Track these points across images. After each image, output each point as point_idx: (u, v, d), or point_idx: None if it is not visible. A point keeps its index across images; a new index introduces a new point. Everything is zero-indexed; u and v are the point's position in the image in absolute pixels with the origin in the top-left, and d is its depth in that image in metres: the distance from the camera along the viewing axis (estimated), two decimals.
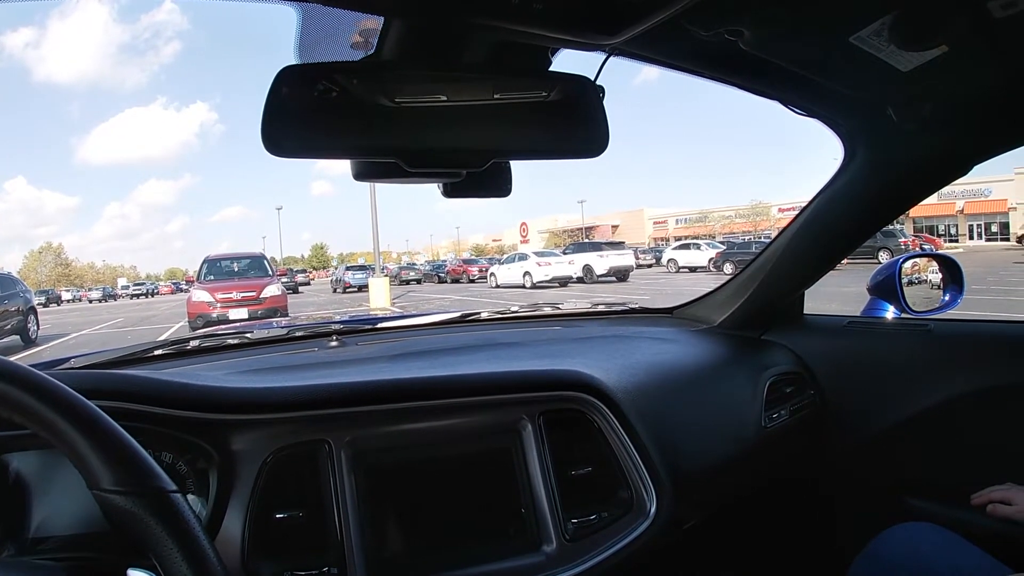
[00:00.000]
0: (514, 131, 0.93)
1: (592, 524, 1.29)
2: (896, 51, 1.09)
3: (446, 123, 0.90)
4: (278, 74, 0.83)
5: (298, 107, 0.84)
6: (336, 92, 0.85)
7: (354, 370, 1.44)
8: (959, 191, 41.43)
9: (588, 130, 0.94)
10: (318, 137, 0.86)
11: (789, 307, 2.06)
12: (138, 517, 0.70)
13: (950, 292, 2.00)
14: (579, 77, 0.92)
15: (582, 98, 0.93)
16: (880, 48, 1.08)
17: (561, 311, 2.23)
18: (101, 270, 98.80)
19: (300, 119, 0.84)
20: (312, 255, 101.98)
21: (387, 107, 0.86)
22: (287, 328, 1.85)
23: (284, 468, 1.13)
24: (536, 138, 0.95)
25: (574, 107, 0.93)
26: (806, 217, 1.80)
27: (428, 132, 0.89)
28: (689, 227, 61.95)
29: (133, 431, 0.91)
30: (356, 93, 0.85)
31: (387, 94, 0.86)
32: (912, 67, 1.16)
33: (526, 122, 0.93)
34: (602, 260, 26.31)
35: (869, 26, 1.03)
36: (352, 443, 1.18)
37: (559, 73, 0.94)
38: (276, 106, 0.83)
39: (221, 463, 1.11)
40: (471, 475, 1.27)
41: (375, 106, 0.86)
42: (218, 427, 1.12)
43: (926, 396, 1.71)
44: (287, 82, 0.83)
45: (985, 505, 1.39)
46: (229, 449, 1.12)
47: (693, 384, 1.66)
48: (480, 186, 1.04)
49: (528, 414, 1.32)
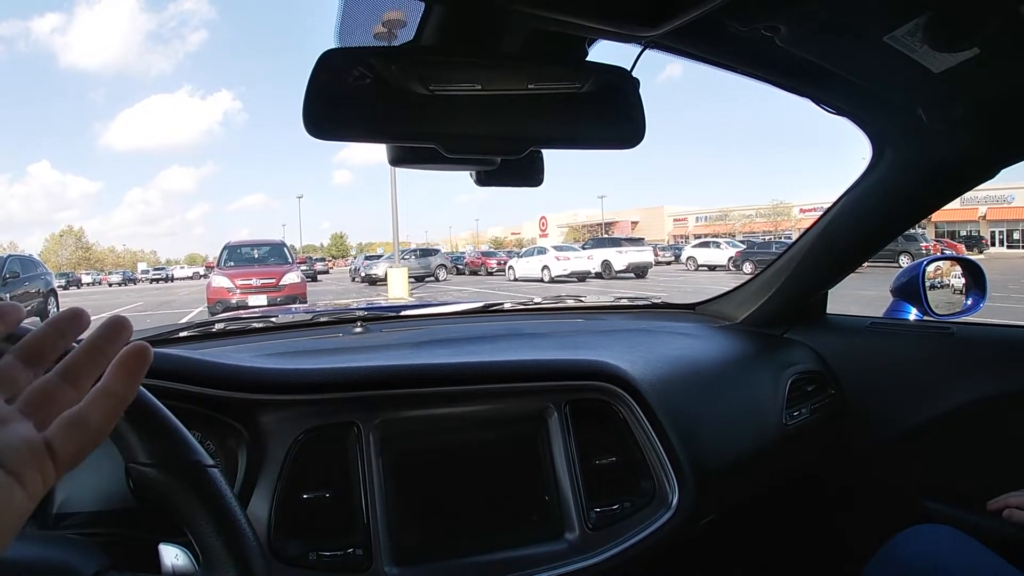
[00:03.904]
0: (552, 120, 0.94)
1: (614, 514, 1.30)
2: (929, 52, 1.09)
3: (483, 111, 0.90)
4: (320, 57, 0.84)
5: (339, 90, 0.84)
6: (375, 77, 0.85)
7: (380, 355, 1.46)
8: (982, 196, 41.02)
9: (625, 121, 0.94)
10: (358, 120, 0.87)
11: (811, 306, 2.06)
12: (175, 490, 0.72)
13: (972, 296, 2.00)
14: (617, 68, 0.92)
15: (620, 89, 0.93)
16: (914, 48, 1.08)
17: (583, 304, 2.25)
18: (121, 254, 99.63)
19: (340, 102, 0.85)
20: (332, 244, 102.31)
21: (424, 94, 0.87)
22: (311, 313, 1.87)
23: (312, 449, 1.15)
24: (574, 127, 0.95)
25: (611, 98, 0.93)
26: (832, 216, 1.79)
27: (465, 119, 0.90)
28: (709, 225, 61.81)
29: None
30: (395, 78, 0.86)
31: (424, 80, 0.86)
32: (944, 68, 1.15)
33: (563, 112, 0.93)
34: (621, 256, 26.23)
35: (904, 26, 1.02)
36: (380, 426, 1.20)
37: (597, 63, 0.94)
38: (318, 88, 0.83)
39: (251, 442, 1.12)
40: (496, 461, 1.28)
41: (413, 92, 0.86)
42: (249, 406, 1.14)
43: (946, 399, 1.70)
44: (328, 65, 0.84)
45: (1002, 510, 1.39)
46: (259, 429, 1.13)
47: (715, 380, 1.67)
48: (513, 175, 1.05)
49: (554, 403, 1.33)
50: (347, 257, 75.27)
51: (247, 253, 15.15)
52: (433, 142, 0.89)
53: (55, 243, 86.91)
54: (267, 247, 15.50)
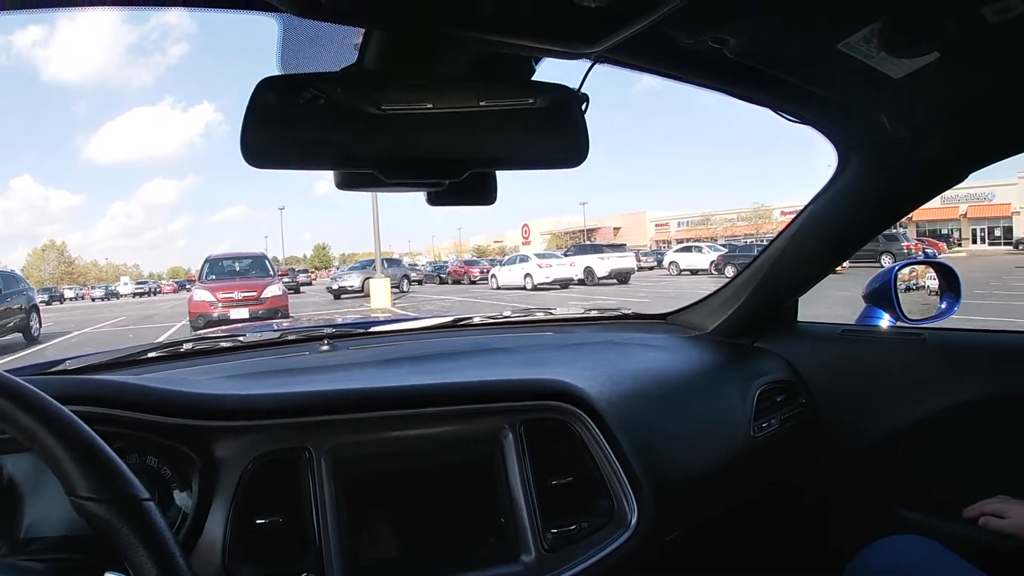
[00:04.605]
0: (492, 142, 0.93)
1: (572, 534, 1.28)
2: (887, 58, 1.08)
3: (425, 134, 0.89)
4: (258, 85, 0.82)
5: (278, 118, 0.83)
6: (316, 103, 0.84)
7: (342, 375, 1.45)
8: (962, 195, 41.43)
9: (567, 140, 0.93)
10: (297, 148, 0.86)
11: (782, 315, 2.05)
12: (112, 524, 0.72)
13: (947, 300, 1.98)
14: (559, 86, 0.91)
15: (563, 107, 0.92)
16: (870, 55, 1.07)
17: (553, 316, 2.23)
18: (104, 268, 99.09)
19: (279, 130, 0.84)
20: (314, 255, 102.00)
21: (366, 117, 0.86)
22: (280, 331, 1.84)
23: (265, 474, 1.14)
24: (514, 149, 0.94)
25: (555, 116, 0.92)
26: (800, 224, 1.79)
27: (406, 144, 0.89)
28: (691, 230, 62.08)
29: (119, 436, 0.96)
30: (336, 104, 0.85)
31: (366, 104, 0.85)
32: (904, 74, 1.15)
33: (506, 132, 0.92)
34: (603, 262, 26.35)
35: (857, 33, 1.02)
36: (332, 451, 1.18)
37: (541, 83, 0.93)
38: (256, 117, 0.82)
39: (203, 468, 1.12)
40: (451, 483, 1.27)
41: (354, 117, 0.86)
42: (200, 433, 1.13)
43: (919, 406, 1.70)
44: (267, 93, 0.83)
45: (977, 518, 1.38)
46: (211, 455, 1.13)
47: (681, 393, 1.65)
48: (464, 194, 1.03)
49: (509, 423, 1.32)
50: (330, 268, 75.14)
51: (229, 266, 15.23)
52: (373, 168, 0.88)
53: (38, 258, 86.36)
54: (248, 260, 15.58)
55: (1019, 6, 0.92)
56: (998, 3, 0.93)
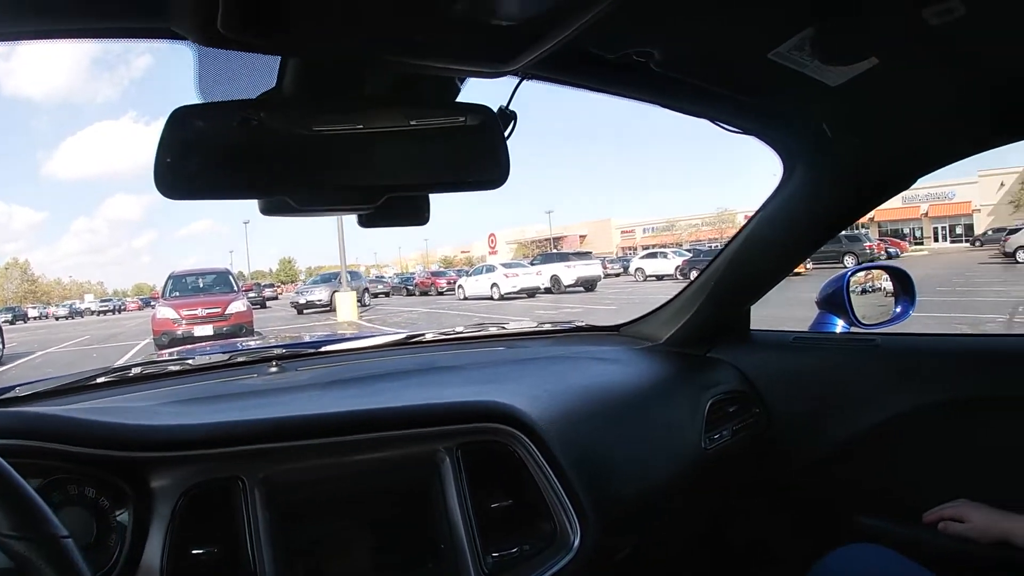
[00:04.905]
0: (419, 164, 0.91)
1: (513, 558, 1.26)
2: (821, 66, 1.07)
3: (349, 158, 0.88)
4: (171, 114, 0.80)
5: (193, 148, 0.82)
6: (235, 130, 0.83)
7: (286, 399, 1.43)
8: (923, 194, 42.28)
9: (487, 160, 0.91)
10: (215, 177, 0.84)
11: (735, 323, 2.04)
12: (32, 561, 0.72)
13: (901, 304, 2.00)
14: (479, 107, 0.90)
15: (484, 127, 0.91)
16: (803, 64, 1.06)
17: (505, 331, 2.22)
18: (68, 286, 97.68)
19: (194, 160, 0.82)
20: (280, 269, 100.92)
21: (288, 142, 0.85)
22: (229, 353, 1.82)
23: (200, 505, 1.12)
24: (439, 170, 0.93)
25: (482, 136, 0.91)
26: (748, 233, 1.79)
27: (329, 169, 0.87)
28: (656, 236, 62.53)
29: (55, 468, 0.97)
30: (256, 130, 0.84)
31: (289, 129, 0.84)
32: (842, 81, 1.14)
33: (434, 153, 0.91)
34: (570, 270, 26.43)
35: (787, 42, 1.00)
36: (266, 480, 1.16)
37: (463, 103, 0.93)
38: (170, 147, 0.80)
39: (136, 499, 1.10)
40: (389, 510, 1.26)
41: (275, 143, 0.84)
42: (132, 464, 1.11)
43: (875, 412, 1.70)
44: (181, 122, 0.81)
45: (937, 522, 1.38)
46: (145, 486, 1.11)
47: (630, 407, 1.64)
48: (393, 216, 1.01)
49: (446, 447, 1.30)
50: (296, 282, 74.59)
51: (192, 283, 15.13)
52: (286, 195, 0.87)
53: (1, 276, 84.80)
54: (212, 275, 15.51)
55: (960, 7, 0.91)
56: (939, 5, 0.91)
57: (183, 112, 0.82)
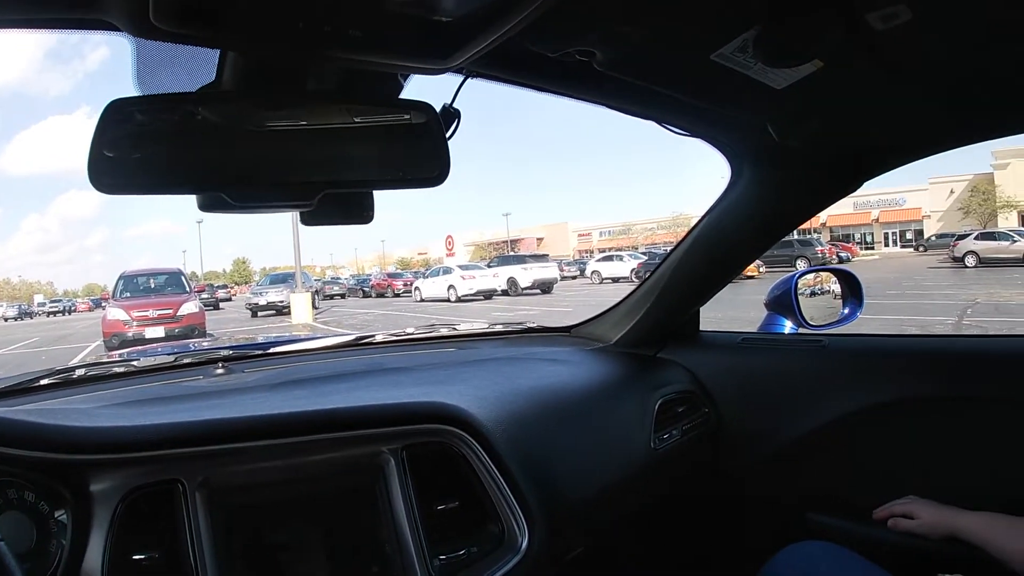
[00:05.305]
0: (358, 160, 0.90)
1: (460, 560, 1.25)
2: (765, 69, 1.07)
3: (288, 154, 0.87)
4: (107, 106, 0.78)
5: (128, 141, 0.80)
6: (172, 124, 0.81)
7: (230, 401, 1.39)
8: (875, 200, 43.34)
9: (428, 158, 0.91)
10: (152, 172, 0.82)
11: (685, 324, 2.06)
12: None
13: (849, 306, 2.03)
14: (422, 104, 0.90)
15: (426, 125, 0.90)
16: (747, 66, 1.06)
17: (456, 332, 2.21)
18: (17, 286, 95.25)
19: (129, 154, 0.80)
20: (234, 269, 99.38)
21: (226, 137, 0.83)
22: (175, 355, 1.78)
23: (140, 508, 1.09)
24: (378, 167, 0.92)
25: (419, 135, 0.90)
26: (697, 235, 1.80)
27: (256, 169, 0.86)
28: (613, 239, 63.08)
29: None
30: (194, 125, 0.82)
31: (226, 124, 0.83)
32: (787, 84, 1.13)
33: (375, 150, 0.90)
34: (526, 273, 26.63)
35: (730, 43, 1.00)
36: (206, 483, 1.14)
37: (406, 100, 0.91)
38: (105, 141, 0.78)
39: (75, 503, 1.07)
40: (333, 513, 1.23)
41: (212, 137, 0.83)
42: (69, 467, 1.08)
43: (823, 411, 1.72)
44: (117, 115, 0.79)
45: (887, 519, 1.41)
46: (84, 489, 1.08)
47: (579, 408, 1.63)
48: (336, 214, 1.00)
49: (390, 449, 1.28)
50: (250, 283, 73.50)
51: (143, 283, 14.83)
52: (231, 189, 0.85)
53: None
54: (164, 276, 15.24)
55: (906, 12, 0.91)
56: (884, 9, 0.92)
57: (119, 104, 0.80)
